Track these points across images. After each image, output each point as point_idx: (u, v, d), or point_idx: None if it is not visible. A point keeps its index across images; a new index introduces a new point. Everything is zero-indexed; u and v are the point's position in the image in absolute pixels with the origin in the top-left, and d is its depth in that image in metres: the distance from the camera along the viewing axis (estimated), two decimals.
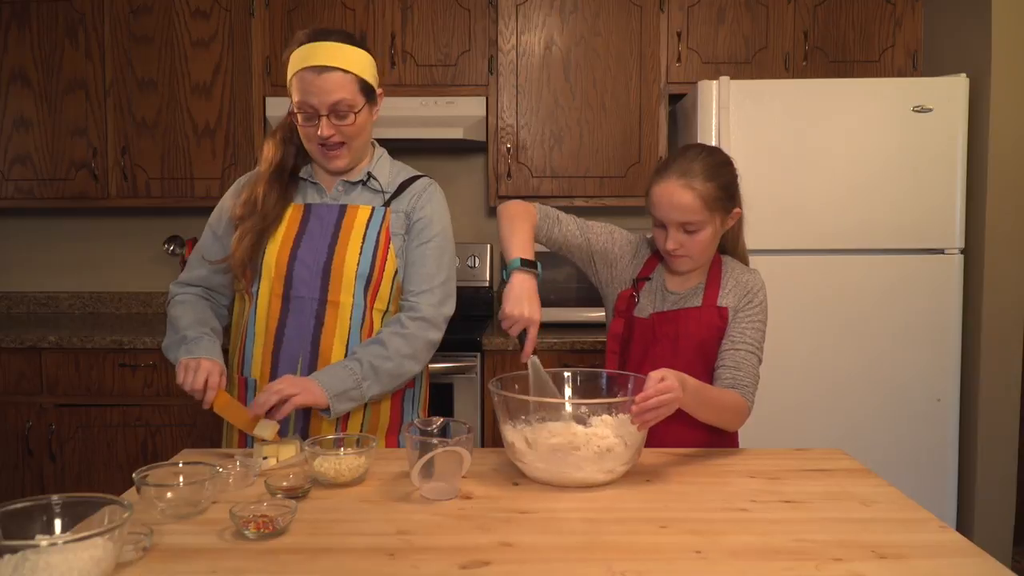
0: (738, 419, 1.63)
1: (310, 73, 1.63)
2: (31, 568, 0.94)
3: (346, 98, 1.64)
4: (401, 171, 1.84)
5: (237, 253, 1.69)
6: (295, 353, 1.70)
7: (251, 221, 1.70)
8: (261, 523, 1.18)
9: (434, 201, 1.79)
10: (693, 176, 1.60)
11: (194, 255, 1.83)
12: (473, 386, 2.86)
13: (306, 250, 1.71)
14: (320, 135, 1.65)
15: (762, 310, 1.68)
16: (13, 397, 2.90)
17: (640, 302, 1.73)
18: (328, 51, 1.63)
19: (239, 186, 1.81)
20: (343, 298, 1.70)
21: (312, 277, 1.70)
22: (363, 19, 3.09)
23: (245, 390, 1.75)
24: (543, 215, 1.74)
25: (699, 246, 1.64)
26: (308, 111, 1.65)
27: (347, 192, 1.77)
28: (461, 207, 3.49)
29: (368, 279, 1.72)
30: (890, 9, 3.10)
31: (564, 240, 1.76)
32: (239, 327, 1.78)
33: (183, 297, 1.79)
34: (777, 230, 2.73)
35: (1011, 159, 2.74)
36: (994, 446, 2.78)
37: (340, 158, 1.71)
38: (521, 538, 1.18)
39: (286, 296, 1.70)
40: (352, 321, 1.71)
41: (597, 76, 3.11)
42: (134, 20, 3.12)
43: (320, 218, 1.74)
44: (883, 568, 1.08)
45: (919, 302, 2.74)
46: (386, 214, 1.75)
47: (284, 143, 1.76)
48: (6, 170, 3.18)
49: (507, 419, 1.46)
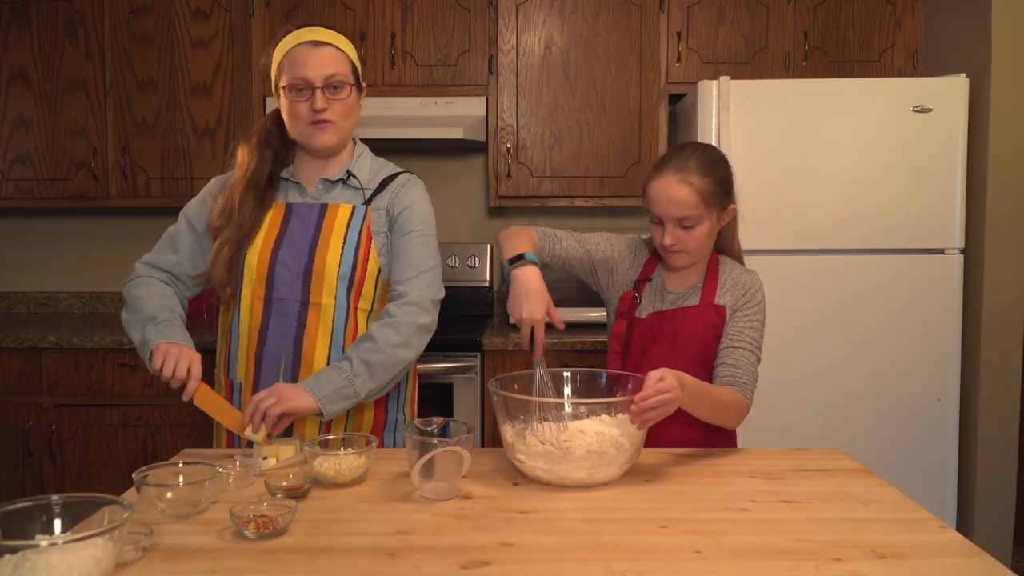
0: (737, 417, 1.64)
1: (305, 47, 1.66)
2: (31, 568, 0.94)
3: (340, 72, 1.67)
4: (382, 168, 1.82)
5: (217, 268, 1.68)
6: (278, 355, 1.69)
7: (228, 231, 1.69)
8: (261, 523, 1.18)
9: (413, 193, 1.77)
10: (689, 171, 1.61)
11: (165, 240, 1.80)
12: (473, 386, 2.86)
13: (287, 252, 1.70)
14: (315, 107, 1.65)
15: (760, 310, 1.69)
16: (13, 397, 2.90)
17: (641, 303, 1.74)
18: (319, 31, 1.69)
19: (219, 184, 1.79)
20: (325, 300, 1.69)
21: (293, 279, 1.69)
22: (363, 19, 3.09)
23: (231, 392, 1.74)
24: (541, 235, 1.77)
25: (696, 241, 1.65)
26: (301, 84, 1.65)
27: (327, 191, 1.75)
28: (461, 207, 3.49)
29: (351, 280, 1.70)
30: (890, 9, 3.10)
31: (565, 255, 1.78)
32: (224, 329, 1.78)
33: (148, 280, 1.74)
34: (777, 230, 2.73)
35: (1011, 159, 2.74)
36: (994, 446, 2.78)
37: (329, 132, 1.69)
38: (521, 538, 1.18)
39: (268, 298, 1.70)
40: (336, 322, 1.70)
41: (597, 76, 3.11)
42: (134, 20, 3.12)
43: (301, 218, 1.72)
44: (883, 568, 1.08)
45: (919, 302, 2.74)
46: (367, 212, 1.74)
47: (260, 148, 1.74)
48: (6, 170, 3.18)
49: (507, 419, 1.47)
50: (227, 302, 1.77)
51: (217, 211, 1.72)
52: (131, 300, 1.72)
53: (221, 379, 1.78)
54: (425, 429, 1.47)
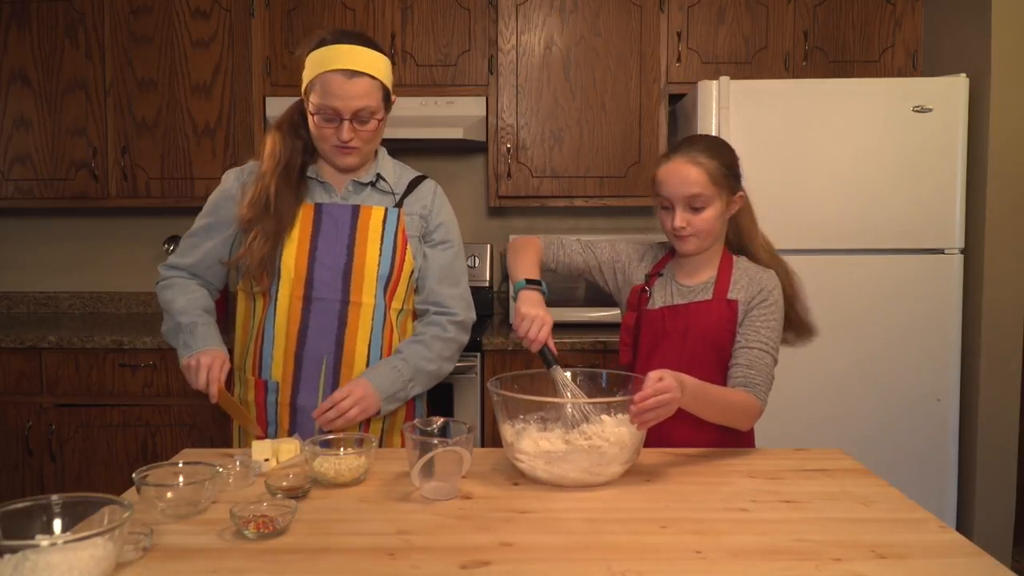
0: (748, 418, 1.62)
1: (339, 76, 1.62)
2: (31, 568, 0.94)
3: (370, 105, 1.66)
4: (404, 171, 1.86)
5: (254, 257, 1.67)
6: (319, 354, 1.71)
7: (266, 223, 1.67)
8: (261, 523, 1.18)
9: (447, 205, 1.86)
10: (698, 153, 1.64)
11: (186, 244, 1.80)
12: (473, 386, 2.86)
13: (324, 252, 1.71)
14: (341, 139, 1.66)
15: (778, 309, 1.68)
16: (13, 397, 2.90)
17: (652, 296, 1.74)
18: (356, 56, 1.63)
19: (238, 181, 1.77)
20: (365, 299, 1.72)
21: (333, 279, 1.71)
22: (363, 19, 3.09)
23: (265, 393, 1.74)
24: (547, 243, 1.82)
25: (705, 224, 1.65)
26: (329, 114, 1.65)
27: (357, 192, 1.77)
28: (461, 207, 3.47)
29: (388, 280, 1.74)
30: (890, 9, 3.10)
31: (571, 260, 1.82)
32: (250, 327, 1.77)
33: (173, 280, 1.78)
34: (776, 230, 2.68)
35: (1011, 159, 2.74)
36: (994, 446, 2.78)
37: (352, 156, 1.71)
38: (521, 538, 1.18)
39: (307, 297, 1.71)
40: (374, 321, 1.74)
41: (597, 76, 3.11)
42: (134, 20, 3.12)
43: (334, 219, 1.73)
44: (883, 568, 1.08)
45: (919, 302, 2.74)
46: (400, 215, 1.77)
47: (290, 138, 1.73)
48: (6, 170, 3.18)
49: (507, 419, 1.47)
50: (249, 299, 1.76)
51: (248, 201, 1.69)
52: (163, 306, 1.77)
53: (248, 379, 1.76)
54: (425, 429, 1.48)
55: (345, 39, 1.65)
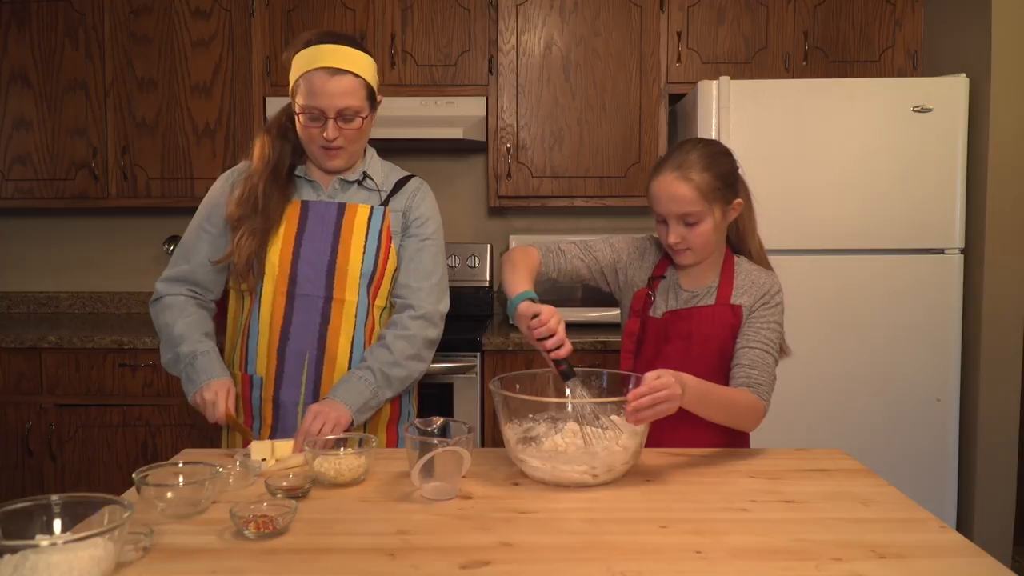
0: (752, 419, 1.61)
1: (321, 75, 1.63)
2: (31, 568, 0.94)
3: (354, 104, 1.66)
4: (392, 171, 1.86)
5: (241, 254, 1.68)
6: (302, 350, 1.72)
7: (253, 221, 1.69)
8: (261, 523, 1.18)
9: (428, 200, 1.84)
10: (689, 167, 1.60)
11: (179, 252, 1.81)
12: (473, 386, 2.86)
13: (309, 249, 1.73)
14: (326, 137, 1.67)
15: (779, 311, 1.67)
16: (13, 397, 2.90)
17: (655, 301, 1.72)
18: (339, 54, 1.65)
19: (227, 182, 1.79)
20: (348, 295, 1.73)
21: (317, 275, 1.72)
22: (363, 19, 3.09)
23: (250, 388, 1.76)
24: (545, 251, 1.77)
25: (700, 239, 1.63)
26: (314, 113, 1.66)
27: (343, 190, 1.78)
28: (461, 207, 3.48)
29: (371, 277, 1.75)
30: (890, 9, 3.10)
31: (571, 266, 1.78)
32: (238, 324, 1.79)
33: (171, 300, 1.77)
34: (777, 230, 2.72)
35: (1011, 159, 2.74)
36: (994, 446, 2.78)
37: (339, 158, 1.73)
38: (521, 538, 1.18)
39: (291, 294, 1.72)
40: (357, 318, 1.75)
41: (597, 76, 3.11)
42: (134, 20, 3.12)
43: (319, 216, 1.75)
44: (883, 568, 1.08)
45: (919, 302, 2.74)
46: (385, 213, 1.78)
47: (280, 140, 1.76)
48: (6, 170, 3.18)
49: (507, 419, 1.47)
50: (239, 296, 1.78)
51: (236, 200, 1.71)
52: (159, 330, 1.76)
53: (237, 374, 1.77)
54: (425, 429, 1.47)
55: (328, 39, 1.66)
